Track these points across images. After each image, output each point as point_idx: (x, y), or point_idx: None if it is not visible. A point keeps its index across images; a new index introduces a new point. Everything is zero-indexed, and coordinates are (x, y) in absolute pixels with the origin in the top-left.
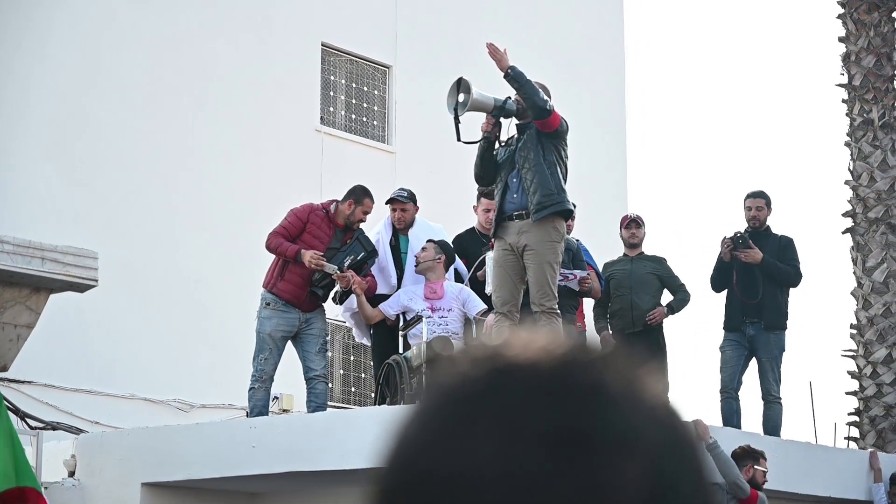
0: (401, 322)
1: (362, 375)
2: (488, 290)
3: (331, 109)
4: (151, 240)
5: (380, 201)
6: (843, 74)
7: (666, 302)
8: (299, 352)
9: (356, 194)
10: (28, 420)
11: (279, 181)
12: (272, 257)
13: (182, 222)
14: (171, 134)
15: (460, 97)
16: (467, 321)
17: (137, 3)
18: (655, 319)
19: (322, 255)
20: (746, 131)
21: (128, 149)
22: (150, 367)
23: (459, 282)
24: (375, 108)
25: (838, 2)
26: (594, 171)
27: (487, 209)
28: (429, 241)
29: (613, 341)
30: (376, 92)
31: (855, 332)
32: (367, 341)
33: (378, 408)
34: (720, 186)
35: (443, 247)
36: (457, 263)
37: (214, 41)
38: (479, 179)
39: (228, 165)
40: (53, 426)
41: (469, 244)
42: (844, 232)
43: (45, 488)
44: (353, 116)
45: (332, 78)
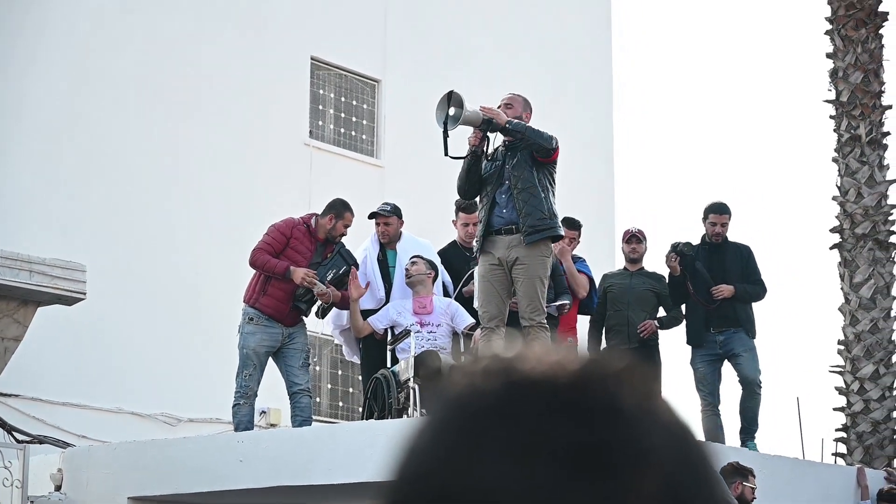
0: (389, 336)
1: (350, 390)
2: (476, 305)
3: (319, 123)
4: (140, 253)
5: (368, 215)
6: (831, 90)
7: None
8: (281, 367)
9: (336, 208)
10: (15, 433)
11: (268, 194)
12: None
13: (171, 236)
14: (160, 147)
15: (451, 111)
16: (455, 335)
17: (127, 16)
18: (647, 331)
19: (315, 274)
20: (734, 146)
21: (116, 161)
22: (138, 381)
23: (447, 296)
24: (364, 123)
25: (826, 18)
26: (581, 185)
27: (466, 223)
28: (418, 256)
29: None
30: (365, 106)
31: (842, 348)
32: (357, 359)
33: (365, 422)
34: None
35: (431, 264)
36: (444, 277)
37: (204, 54)
38: (464, 193)
39: (217, 178)
40: (40, 440)
41: (453, 258)
42: (832, 248)
43: (32, 502)
44: (342, 130)
45: (321, 92)
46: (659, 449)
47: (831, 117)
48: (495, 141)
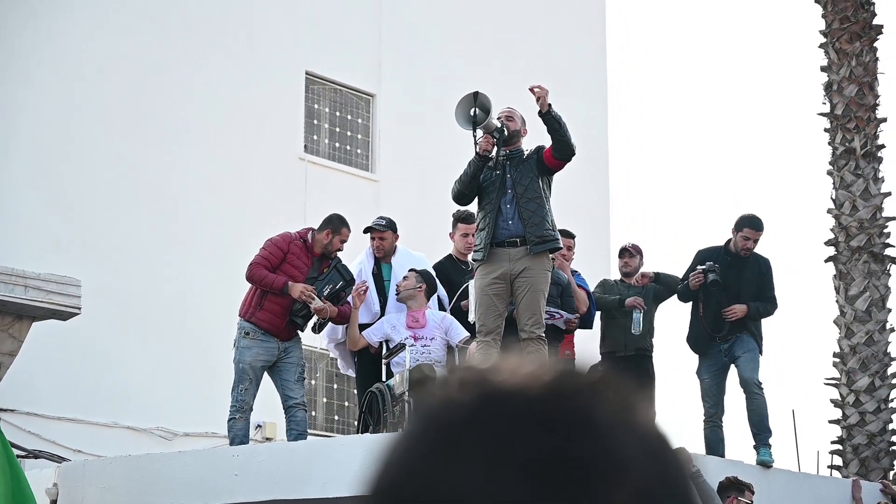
0: (384, 350)
1: (345, 404)
2: (471, 319)
3: (314, 138)
4: (134, 268)
5: (363, 230)
6: (825, 104)
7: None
8: (277, 381)
9: (333, 224)
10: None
11: (263, 209)
12: None
13: (166, 251)
14: (155, 162)
15: (475, 111)
16: (450, 349)
17: (120, 32)
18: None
19: (314, 289)
20: (729, 159)
21: (111, 176)
22: (133, 396)
23: (442, 310)
24: (359, 137)
25: (820, 31)
26: (576, 197)
27: (466, 234)
28: (410, 270)
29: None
30: (360, 120)
31: (838, 361)
32: (353, 372)
33: (361, 436)
34: (703, 214)
35: (424, 276)
36: (439, 291)
37: (198, 69)
38: (462, 198)
39: (212, 193)
40: (36, 454)
41: (451, 271)
42: (827, 260)
43: None
44: (337, 145)
45: (316, 106)
46: (632, 462)
47: (826, 130)
48: (498, 151)
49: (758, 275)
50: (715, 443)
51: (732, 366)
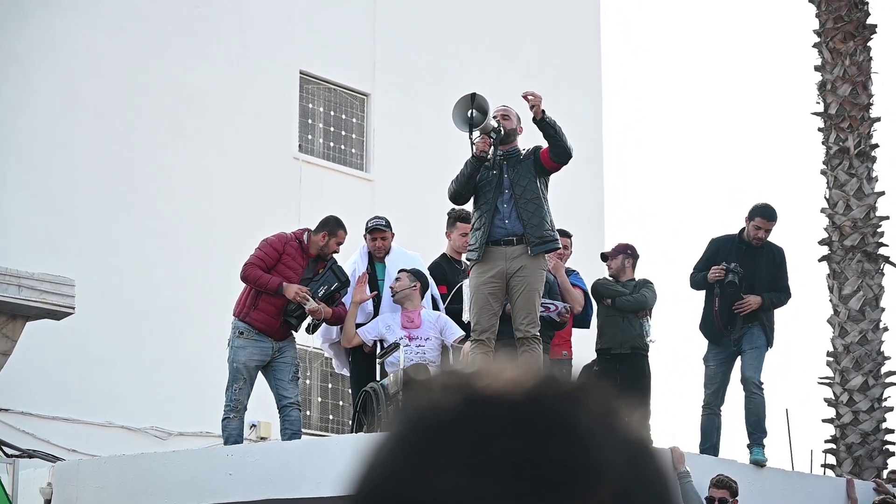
0: (378, 350)
1: (340, 403)
2: (465, 318)
3: (309, 137)
4: (129, 267)
5: (358, 228)
6: (819, 103)
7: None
8: (271, 380)
9: (330, 226)
10: (4, 448)
11: (258, 209)
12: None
13: (159, 250)
14: (149, 162)
15: (472, 112)
16: (444, 348)
17: (115, 32)
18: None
19: (308, 290)
20: (723, 158)
21: (104, 176)
22: (128, 395)
23: (436, 310)
24: (353, 136)
25: (814, 31)
26: (571, 198)
27: (464, 233)
28: (402, 271)
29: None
30: (354, 120)
31: (831, 360)
32: (347, 371)
33: (355, 435)
34: (697, 213)
35: (417, 275)
36: (433, 290)
37: (192, 69)
38: (459, 198)
39: (207, 193)
40: (30, 454)
41: (447, 270)
42: (821, 260)
43: None
44: (332, 144)
45: (311, 106)
46: (612, 466)
47: (819, 130)
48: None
49: (772, 265)
50: (710, 430)
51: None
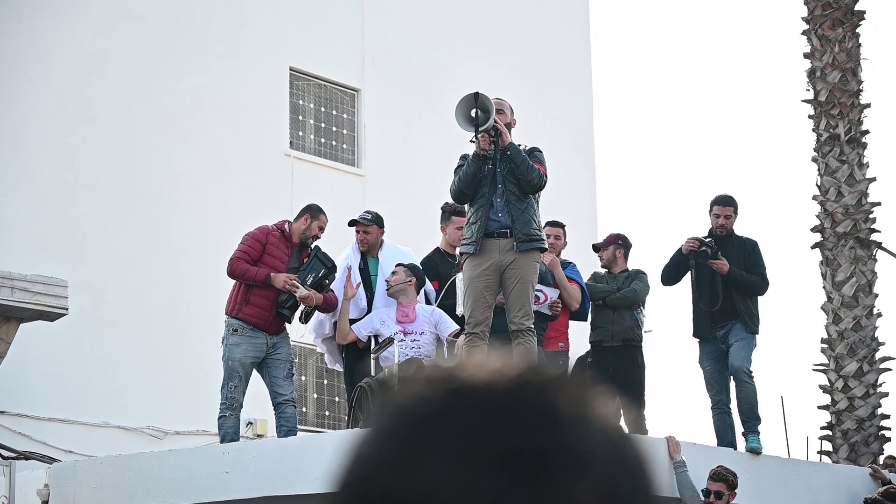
0: (372, 345)
1: (336, 399)
2: (459, 312)
3: (300, 133)
4: (122, 267)
5: (348, 222)
6: (809, 90)
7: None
8: (266, 377)
9: (312, 210)
10: (1, 450)
11: (249, 206)
12: None
13: (152, 248)
14: (140, 160)
15: (477, 112)
16: (439, 342)
17: (106, 31)
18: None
19: (296, 277)
20: (714, 148)
21: (97, 176)
22: (123, 395)
23: (429, 304)
24: (344, 132)
25: (802, 18)
26: (564, 192)
27: (460, 227)
28: (398, 265)
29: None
30: (345, 116)
31: (826, 347)
32: (340, 367)
33: (351, 431)
34: (689, 203)
35: (412, 270)
36: (426, 285)
37: (183, 67)
38: (462, 197)
39: (198, 190)
40: (26, 456)
41: (440, 265)
42: (813, 247)
43: None
44: (323, 140)
45: (301, 102)
46: (595, 453)
47: (810, 117)
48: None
49: (743, 254)
50: (723, 429)
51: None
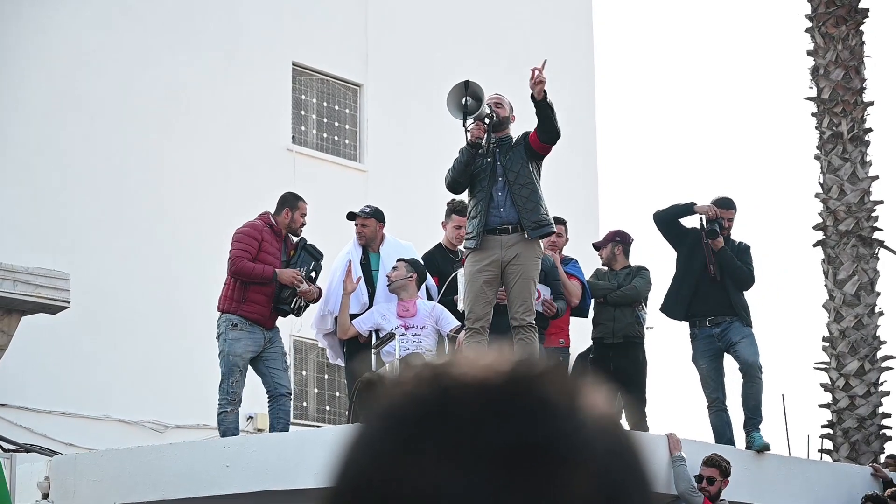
0: (373, 340)
1: (336, 394)
2: (461, 307)
3: (302, 128)
4: (123, 261)
5: (346, 215)
6: (812, 88)
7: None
8: (264, 370)
9: (289, 201)
10: (1, 443)
11: (251, 201)
12: None
13: (153, 243)
14: (141, 155)
15: (466, 100)
16: (440, 338)
17: (105, 23)
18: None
19: (301, 272)
20: (717, 145)
21: (97, 170)
22: (124, 389)
23: (431, 300)
24: (347, 127)
25: (806, 15)
26: (565, 186)
27: (459, 226)
28: (399, 260)
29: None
30: (347, 111)
31: (827, 345)
32: (341, 362)
33: (351, 426)
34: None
35: (414, 265)
36: (428, 281)
37: (184, 61)
38: (456, 187)
39: (199, 186)
40: (27, 448)
41: (440, 261)
42: (815, 245)
43: None
44: (325, 135)
45: (304, 97)
46: (590, 444)
47: (813, 115)
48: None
49: (736, 255)
50: (721, 427)
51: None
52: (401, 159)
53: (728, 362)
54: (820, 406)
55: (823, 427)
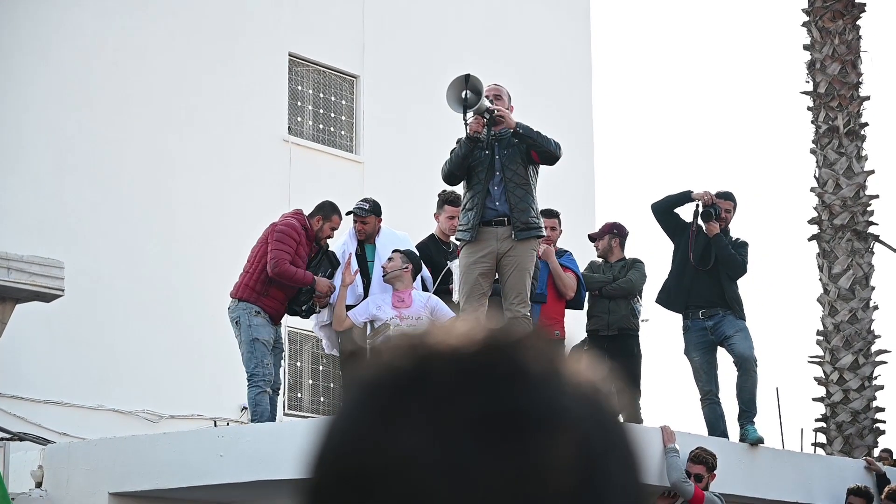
0: (368, 330)
1: (331, 385)
2: (456, 298)
3: (298, 119)
4: (118, 250)
5: (346, 213)
6: (809, 82)
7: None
8: None
9: (325, 210)
10: None
11: (247, 191)
12: (239, 268)
13: (149, 233)
14: (138, 144)
15: (466, 94)
16: None
17: (104, 14)
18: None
19: (332, 284)
20: (713, 138)
21: (94, 159)
22: (118, 378)
23: (425, 290)
24: (343, 118)
25: (803, 10)
26: (561, 181)
27: (452, 216)
28: (395, 251)
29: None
30: (344, 102)
31: (821, 339)
32: (337, 352)
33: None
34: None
35: (409, 256)
36: (424, 272)
37: (181, 52)
38: (453, 179)
39: (196, 176)
40: (20, 437)
41: (433, 252)
42: (811, 239)
43: (13, 500)
44: (321, 126)
45: (300, 88)
46: (569, 409)
47: (809, 109)
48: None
49: (733, 249)
50: (714, 420)
51: (720, 346)
52: (397, 151)
53: (721, 355)
54: (814, 400)
55: (817, 420)
